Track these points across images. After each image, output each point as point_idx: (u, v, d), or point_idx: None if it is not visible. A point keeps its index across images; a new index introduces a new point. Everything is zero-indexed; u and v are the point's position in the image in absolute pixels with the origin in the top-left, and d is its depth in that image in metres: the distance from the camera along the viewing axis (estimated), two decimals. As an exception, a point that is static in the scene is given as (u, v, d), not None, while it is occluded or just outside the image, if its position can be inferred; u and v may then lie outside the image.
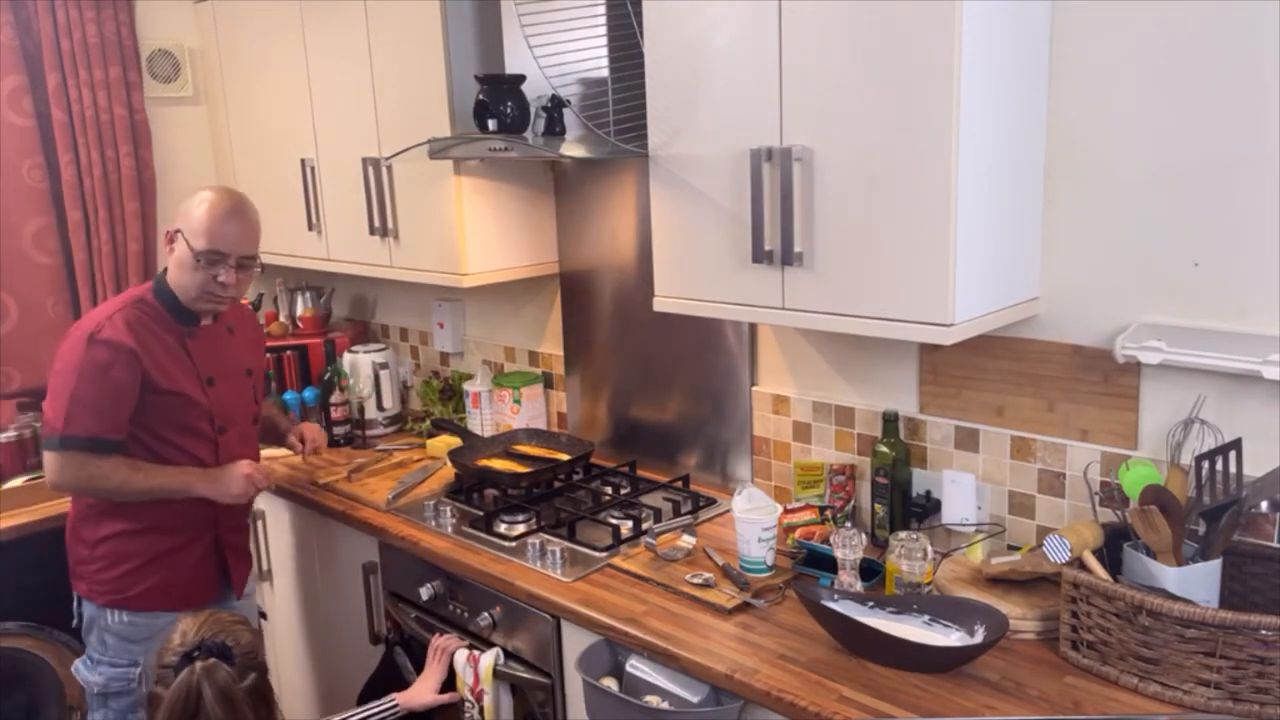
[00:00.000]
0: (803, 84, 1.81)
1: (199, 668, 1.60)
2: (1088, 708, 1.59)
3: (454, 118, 2.53)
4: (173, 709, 1.59)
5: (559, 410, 3.00)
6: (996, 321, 1.85)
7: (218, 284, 2.16)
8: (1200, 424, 1.77)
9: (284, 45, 3.02)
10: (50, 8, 3.10)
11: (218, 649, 1.63)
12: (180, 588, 2.25)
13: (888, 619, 1.83)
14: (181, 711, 1.59)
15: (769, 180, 1.88)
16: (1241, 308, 1.73)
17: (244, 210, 2.21)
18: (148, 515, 2.18)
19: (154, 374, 2.12)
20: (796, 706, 1.64)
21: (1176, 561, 1.67)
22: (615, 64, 2.32)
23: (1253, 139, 1.67)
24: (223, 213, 2.15)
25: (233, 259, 2.16)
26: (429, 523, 2.46)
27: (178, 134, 3.52)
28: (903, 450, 2.17)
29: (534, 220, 2.78)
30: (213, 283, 2.15)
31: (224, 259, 2.15)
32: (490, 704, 2.15)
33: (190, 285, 2.16)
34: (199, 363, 2.23)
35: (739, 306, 2.01)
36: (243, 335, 2.41)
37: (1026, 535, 2.06)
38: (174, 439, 2.20)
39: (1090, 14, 1.80)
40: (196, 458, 2.23)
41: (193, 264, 2.14)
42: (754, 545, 2.08)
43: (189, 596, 2.24)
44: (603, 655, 1.96)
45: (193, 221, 2.15)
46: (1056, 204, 1.90)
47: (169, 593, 2.24)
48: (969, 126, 1.67)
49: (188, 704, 1.59)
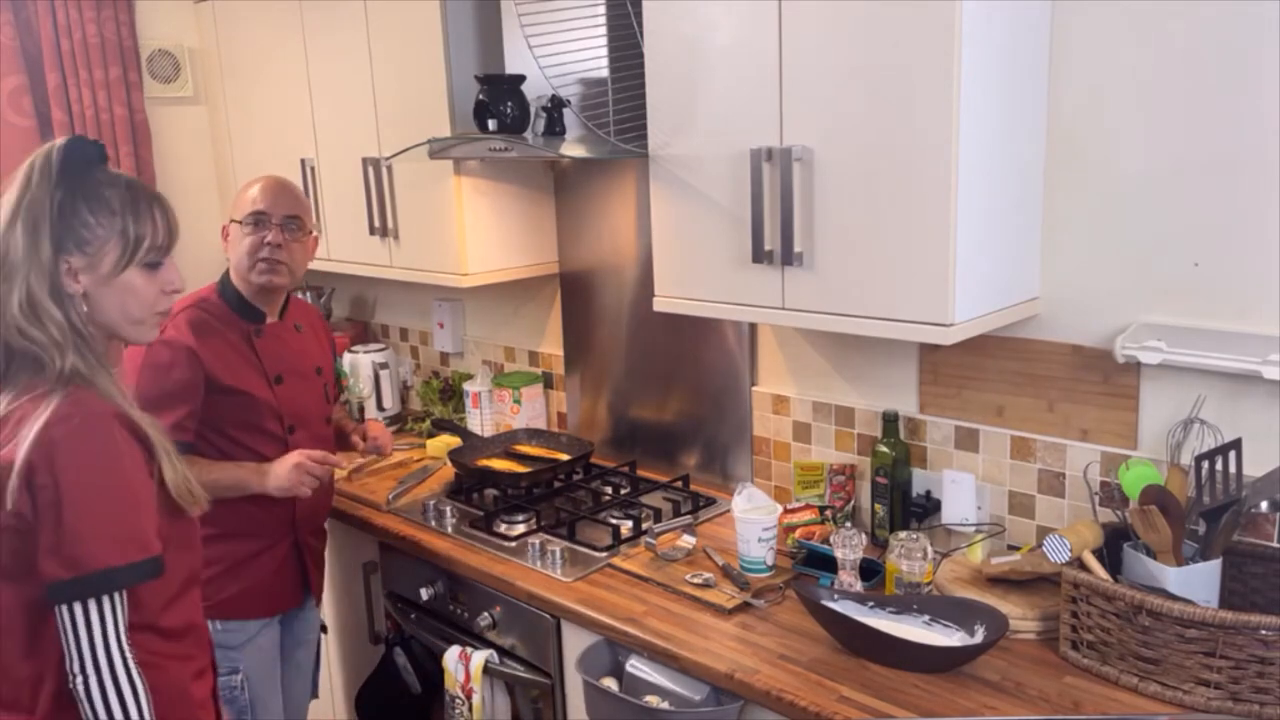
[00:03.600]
0: (803, 84, 1.81)
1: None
2: (1088, 708, 1.59)
3: (454, 118, 2.53)
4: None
5: (559, 410, 3.00)
6: (996, 321, 1.85)
7: (266, 245, 2.13)
8: (1200, 424, 1.77)
9: (284, 45, 3.02)
10: (50, 8, 3.11)
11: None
12: (265, 593, 2.21)
13: (888, 619, 1.83)
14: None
15: (769, 180, 1.88)
16: (1241, 308, 1.73)
17: (283, 179, 2.22)
18: (227, 520, 2.11)
19: (217, 372, 2.08)
20: (796, 706, 1.64)
21: (1176, 561, 1.68)
22: (615, 64, 2.32)
23: (1253, 139, 1.67)
24: (260, 182, 2.18)
25: (275, 217, 2.14)
26: (429, 523, 2.46)
27: (178, 134, 3.52)
28: (903, 450, 2.17)
29: (534, 220, 2.78)
30: (261, 245, 2.13)
31: (266, 218, 2.14)
32: (479, 702, 2.15)
33: (243, 258, 2.15)
34: (266, 361, 2.19)
35: (739, 306, 2.01)
36: (311, 333, 2.35)
37: (1026, 535, 2.06)
38: (242, 439, 2.15)
39: (1090, 14, 1.80)
40: (265, 458, 2.15)
41: (240, 235, 2.14)
42: (754, 545, 2.08)
43: (274, 602, 2.23)
44: (603, 655, 1.96)
45: (237, 201, 2.18)
46: (1056, 204, 1.91)
47: (256, 598, 2.20)
48: (969, 126, 1.67)
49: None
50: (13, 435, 1.36)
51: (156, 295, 1.51)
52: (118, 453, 1.40)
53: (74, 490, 1.35)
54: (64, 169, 1.43)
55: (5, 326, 1.40)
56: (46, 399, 1.38)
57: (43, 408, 1.36)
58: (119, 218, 1.45)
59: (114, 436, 1.40)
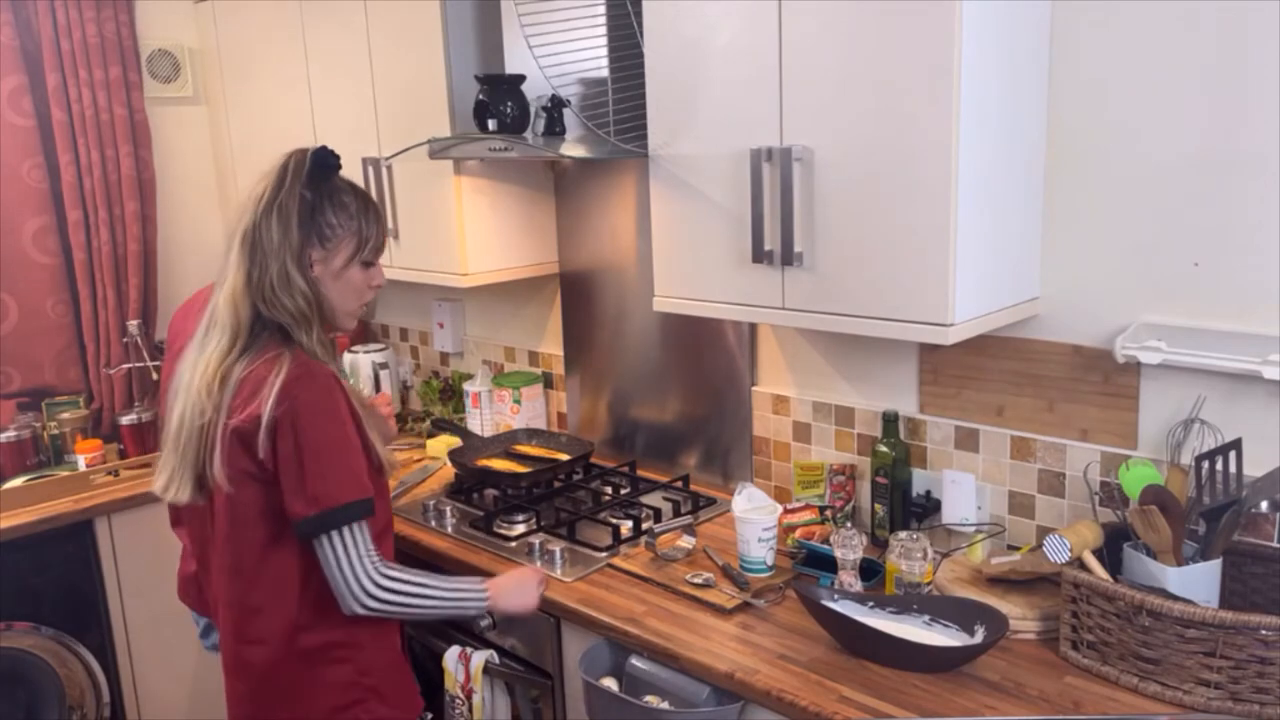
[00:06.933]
0: (803, 84, 1.81)
1: None
2: (1088, 708, 1.59)
3: (454, 118, 2.53)
4: None
5: (559, 410, 3.00)
6: (996, 321, 1.85)
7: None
8: (1200, 424, 1.77)
9: (284, 45, 3.02)
10: (50, 8, 3.10)
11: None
12: None
13: (888, 619, 1.83)
14: None
15: (769, 180, 1.88)
16: (1241, 308, 1.73)
17: None
18: None
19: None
20: (796, 706, 1.64)
21: (1176, 561, 1.67)
22: (615, 64, 2.32)
23: (1253, 139, 1.67)
24: None
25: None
26: (429, 523, 2.46)
27: (178, 134, 3.52)
28: (903, 450, 2.17)
29: (534, 220, 2.78)
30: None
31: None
32: (479, 702, 2.15)
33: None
34: None
35: (739, 306, 2.01)
36: None
37: (1026, 535, 2.06)
38: None
39: (1090, 14, 1.80)
40: None
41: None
42: (754, 545, 2.08)
43: None
44: (603, 655, 1.96)
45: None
46: (1056, 204, 1.90)
47: None
48: (969, 126, 1.67)
49: None
50: (253, 395, 1.58)
51: (365, 289, 1.73)
52: (341, 406, 1.64)
53: (312, 438, 1.58)
54: (312, 173, 1.66)
55: (261, 296, 1.61)
56: (278, 362, 1.59)
57: (277, 369, 1.58)
58: (355, 220, 1.68)
59: (337, 393, 1.64)
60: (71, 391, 3.27)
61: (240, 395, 1.60)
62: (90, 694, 2.85)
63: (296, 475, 1.58)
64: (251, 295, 1.62)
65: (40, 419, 3.15)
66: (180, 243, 3.52)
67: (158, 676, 3.01)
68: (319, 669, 1.69)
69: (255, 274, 1.61)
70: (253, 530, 1.65)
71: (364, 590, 1.63)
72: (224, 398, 1.61)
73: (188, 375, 1.66)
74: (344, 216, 1.67)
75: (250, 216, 1.63)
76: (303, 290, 1.62)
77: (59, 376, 3.26)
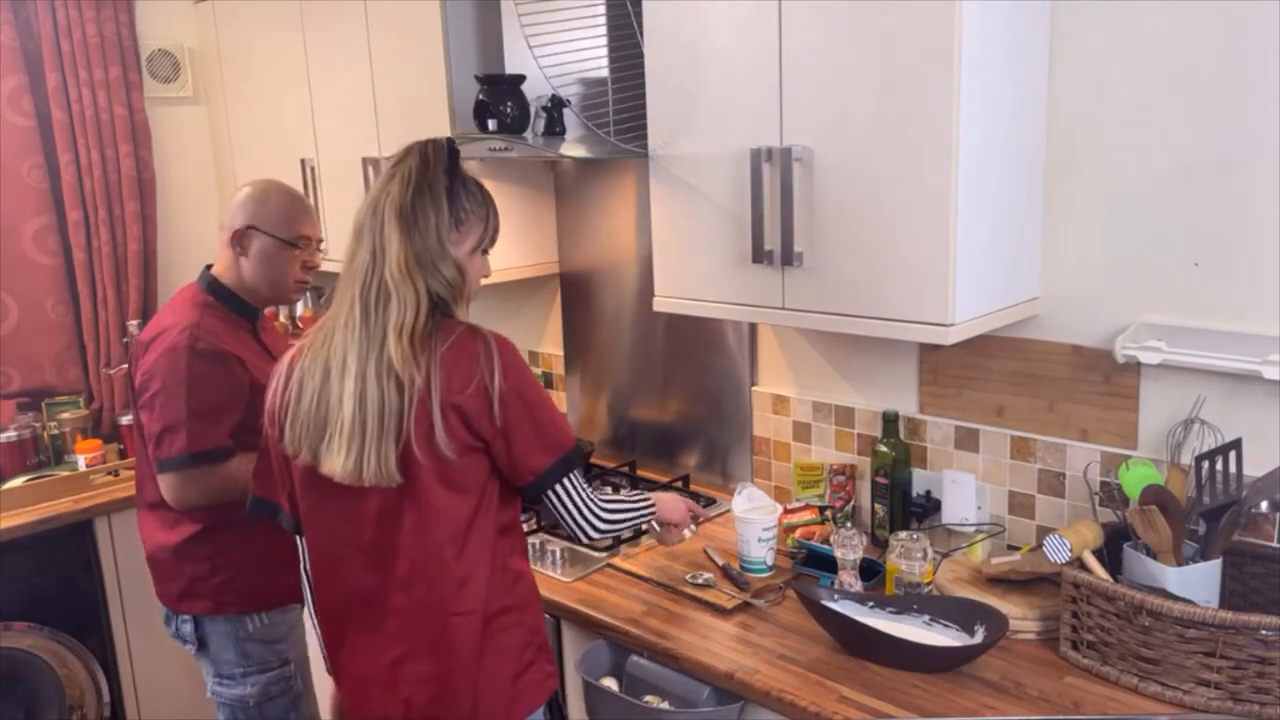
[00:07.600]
0: (803, 84, 1.81)
1: None
2: (1088, 708, 1.59)
3: (454, 118, 2.53)
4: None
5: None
6: (996, 321, 1.85)
7: (307, 269, 2.20)
8: (1200, 424, 1.77)
9: (284, 45, 3.02)
10: (50, 8, 3.11)
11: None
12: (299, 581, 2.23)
13: (888, 619, 1.83)
14: None
15: (769, 180, 1.88)
16: (1241, 308, 1.73)
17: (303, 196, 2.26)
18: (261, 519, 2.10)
19: (255, 374, 2.10)
20: (796, 706, 1.64)
21: (1176, 561, 1.67)
22: (615, 64, 2.32)
23: (1253, 139, 1.67)
24: (295, 199, 2.19)
25: (315, 242, 2.20)
26: (429, 523, 2.46)
27: (178, 134, 3.52)
28: (903, 450, 2.17)
29: (534, 220, 2.78)
30: (303, 269, 2.19)
31: (310, 242, 2.18)
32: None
33: (284, 275, 2.17)
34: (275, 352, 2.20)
35: (739, 306, 2.01)
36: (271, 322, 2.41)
37: (1026, 535, 2.06)
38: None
39: (1090, 14, 1.80)
40: None
41: (281, 253, 2.14)
42: (754, 545, 2.08)
43: None
44: (603, 655, 1.96)
45: (269, 213, 2.14)
46: (1056, 204, 1.90)
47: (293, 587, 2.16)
48: (969, 126, 1.67)
49: None
50: (470, 370, 1.60)
51: (477, 279, 1.76)
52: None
53: (532, 395, 1.65)
54: (450, 160, 1.70)
55: (423, 266, 1.63)
56: (475, 334, 1.63)
57: (483, 341, 1.62)
58: (483, 207, 1.73)
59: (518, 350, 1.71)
60: (71, 391, 3.27)
61: (454, 370, 1.60)
62: (90, 694, 2.85)
63: (533, 431, 1.65)
64: (421, 265, 1.64)
65: (40, 419, 3.15)
66: (180, 243, 3.52)
67: (158, 676, 3.01)
68: (500, 635, 1.71)
69: (419, 244, 1.64)
70: (464, 500, 1.66)
71: (598, 518, 1.73)
72: (433, 373, 1.59)
73: (351, 355, 1.62)
74: (474, 203, 1.71)
75: (401, 195, 1.66)
76: (455, 262, 1.66)
77: (59, 376, 3.26)
